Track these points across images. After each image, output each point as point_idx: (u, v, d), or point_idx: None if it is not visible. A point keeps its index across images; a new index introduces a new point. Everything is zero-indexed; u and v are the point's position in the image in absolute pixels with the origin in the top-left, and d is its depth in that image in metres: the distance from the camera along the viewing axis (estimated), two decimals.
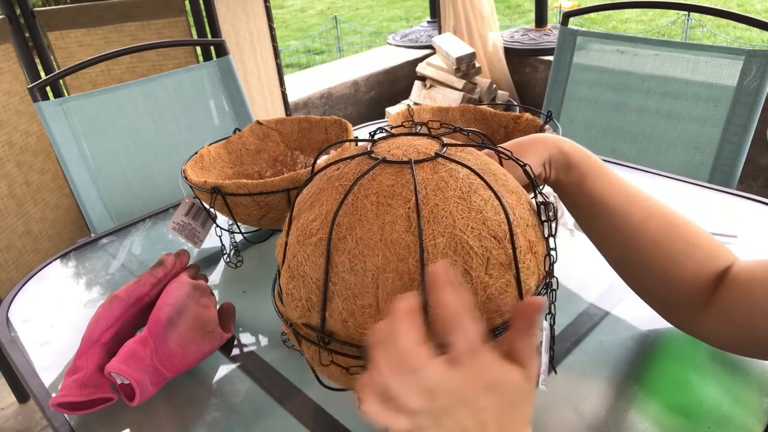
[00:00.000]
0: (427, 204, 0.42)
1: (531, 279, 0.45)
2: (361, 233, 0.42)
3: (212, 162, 0.92)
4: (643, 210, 0.54)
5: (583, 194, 0.57)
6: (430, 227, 0.41)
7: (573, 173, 0.57)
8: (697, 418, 0.52)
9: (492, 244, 0.42)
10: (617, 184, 0.56)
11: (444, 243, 0.41)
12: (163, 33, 1.75)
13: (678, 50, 1.22)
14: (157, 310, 0.61)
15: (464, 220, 0.42)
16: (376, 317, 0.41)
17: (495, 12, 2.96)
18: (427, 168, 0.44)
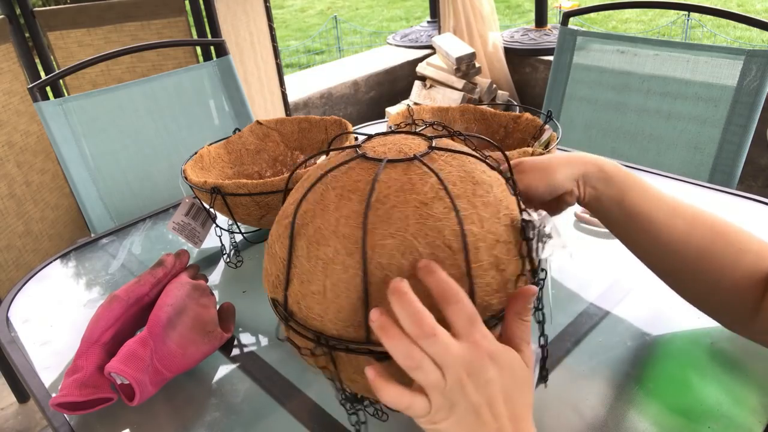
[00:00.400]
0: (386, 204, 0.42)
1: (492, 297, 0.43)
2: (320, 222, 0.43)
3: (212, 162, 0.92)
4: (687, 220, 0.54)
5: (624, 210, 0.56)
6: (382, 227, 0.41)
7: (612, 189, 0.56)
8: (697, 418, 0.52)
9: (445, 254, 0.41)
10: (658, 196, 0.56)
11: (393, 244, 0.41)
12: (163, 33, 1.75)
13: (678, 50, 1.22)
14: (157, 310, 0.61)
15: (419, 225, 0.42)
16: (322, 304, 0.43)
17: (495, 12, 2.96)
18: (399, 168, 0.44)
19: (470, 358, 0.38)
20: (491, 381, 0.38)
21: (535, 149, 0.75)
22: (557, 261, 0.72)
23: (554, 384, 0.57)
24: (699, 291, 0.55)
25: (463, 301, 0.38)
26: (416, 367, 0.38)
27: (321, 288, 0.42)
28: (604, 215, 0.58)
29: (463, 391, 0.38)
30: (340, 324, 0.42)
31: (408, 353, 0.37)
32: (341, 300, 0.42)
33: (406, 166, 0.44)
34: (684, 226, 0.54)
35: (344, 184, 0.44)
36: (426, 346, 0.38)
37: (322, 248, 0.43)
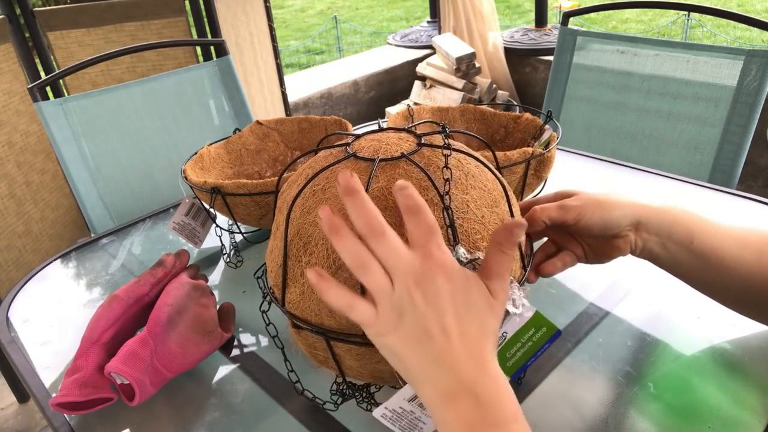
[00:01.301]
0: (315, 195, 0.46)
1: None
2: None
3: (212, 162, 0.92)
4: (755, 250, 0.52)
5: (694, 251, 0.53)
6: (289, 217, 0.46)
7: (680, 232, 0.53)
8: (697, 418, 0.52)
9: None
10: (725, 232, 0.53)
11: (293, 232, 0.46)
12: (163, 33, 1.75)
13: (678, 50, 1.22)
14: (157, 310, 0.61)
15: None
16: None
17: (495, 12, 2.96)
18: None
19: (421, 266, 0.37)
20: (441, 293, 0.37)
21: (535, 149, 0.75)
22: None
23: (554, 384, 0.57)
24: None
25: (424, 213, 0.37)
26: (363, 268, 0.36)
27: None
28: (671, 261, 0.55)
29: (411, 300, 0.36)
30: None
31: (356, 253, 0.36)
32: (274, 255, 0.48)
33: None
34: (753, 255, 0.52)
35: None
36: (375, 246, 0.36)
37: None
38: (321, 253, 0.44)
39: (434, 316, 0.36)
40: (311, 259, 0.45)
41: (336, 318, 0.44)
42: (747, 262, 0.52)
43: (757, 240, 0.53)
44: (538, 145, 0.86)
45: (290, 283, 0.47)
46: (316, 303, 0.45)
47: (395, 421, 0.45)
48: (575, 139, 1.37)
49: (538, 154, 0.74)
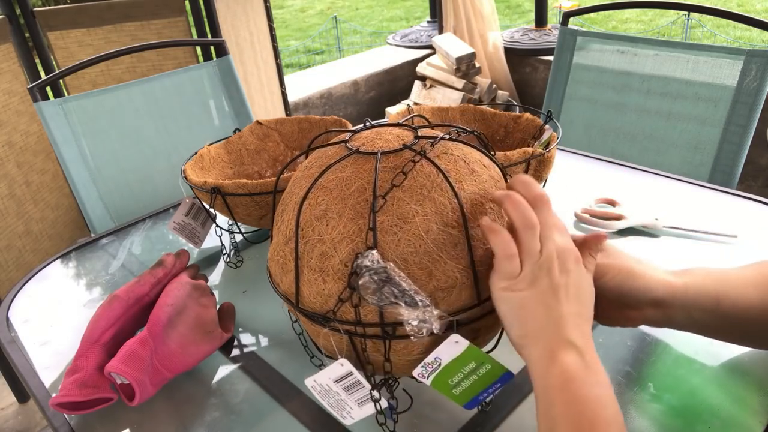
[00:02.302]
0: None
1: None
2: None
3: (212, 162, 0.92)
4: (757, 286, 0.51)
5: (719, 317, 0.52)
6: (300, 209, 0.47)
7: (704, 303, 0.52)
8: (697, 418, 0.52)
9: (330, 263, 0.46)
10: (746, 286, 0.52)
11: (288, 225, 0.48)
12: (163, 33, 1.75)
13: (678, 50, 1.22)
14: (157, 310, 0.61)
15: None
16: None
17: (495, 12, 2.96)
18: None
19: (563, 246, 0.44)
20: (572, 272, 0.44)
21: (535, 149, 0.75)
22: None
23: None
24: None
25: (554, 216, 0.46)
26: (530, 228, 0.44)
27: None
28: (695, 328, 0.53)
29: (549, 268, 0.44)
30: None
31: (507, 243, 0.44)
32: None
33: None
34: (756, 293, 0.51)
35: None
36: (530, 234, 0.45)
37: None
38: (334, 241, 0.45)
39: (564, 286, 0.43)
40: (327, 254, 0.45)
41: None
42: (750, 299, 0.51)
43: (752, 274, 0.52)
44: (538, 145, 0.86)
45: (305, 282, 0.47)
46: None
47: (324, 397, 0.49)
48: (575, 139, 1.37)
49: (538, 154, 0.74)
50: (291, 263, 0.48)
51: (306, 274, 0.46)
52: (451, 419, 0.55)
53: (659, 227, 0.81)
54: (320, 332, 0.48)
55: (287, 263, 0.48)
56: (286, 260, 0.48)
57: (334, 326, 0.45)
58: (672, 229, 0.81)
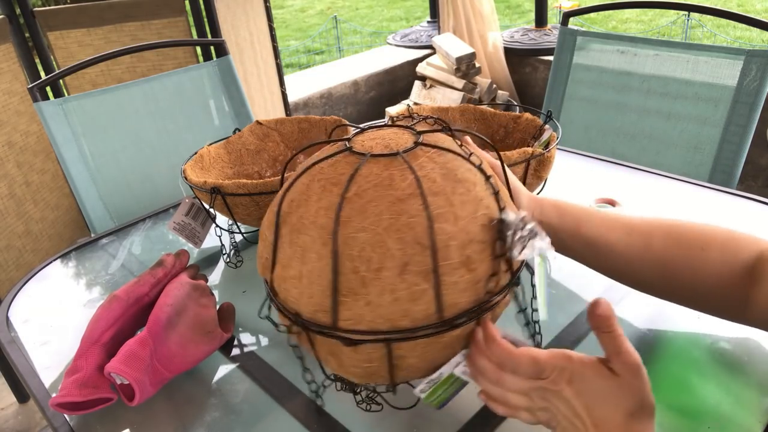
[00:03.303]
0: (363, 198, 0.43)
1: (460, 296, 0.43)
2: (303, 212, 0.45)
3: (212, 162, 0.92)
4: (642, 234, 0.55)
5: (582, 239, 0.57)
6: (357, 220, 0.43)
7: (567, 221, 0.58)
8: (697, 418, 0.52)
9: (415, 250, 0.42)
10: (611, 219, 0.57)
11: (365, 238, 0.42)
12: (163, 33, 1.75)
13: (678, 50, 1.22)
14: (156, 310, 0.61)
15: (391, 221, 0.42)
16: (298, 288, 0.45)
17: (495, 12, 2.96)
18: (381, 163, 0.45)
19: (545, 385, 0.43)
20: (569, 400, 0.43)
21: (535, 149, 0.75)
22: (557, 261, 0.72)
23: None
24: (682, 295, 0.56)
25: (519, 357, 0.44)
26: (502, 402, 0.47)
27: (298, 273, 0.45)
28: (564, 246, 0.59)
29: (552, 409, 0.44)
30: (312, 309, 0.44)
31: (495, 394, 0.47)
32: (314, 287, 0.44)
33: (389, 162, 0.45)
34: (641, 240, 0.55)
35: (329, 176, 0.46)
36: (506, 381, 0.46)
37: (301, 236, 0.45)
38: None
39: (572, 416, 0.43)
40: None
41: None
42: (635, 246, 0.55)
43: (644, 225, 0.56)
44: (538, 145, 0.86)
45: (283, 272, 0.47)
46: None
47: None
48: (575, 139, 1.37)
49: (538, 154, 0.74)
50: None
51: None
52: (452, 419, 0.55)
53: None
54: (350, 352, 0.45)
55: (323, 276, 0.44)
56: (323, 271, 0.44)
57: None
58: None
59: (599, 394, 0.42)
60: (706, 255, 0.52)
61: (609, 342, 0.42)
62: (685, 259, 0.53)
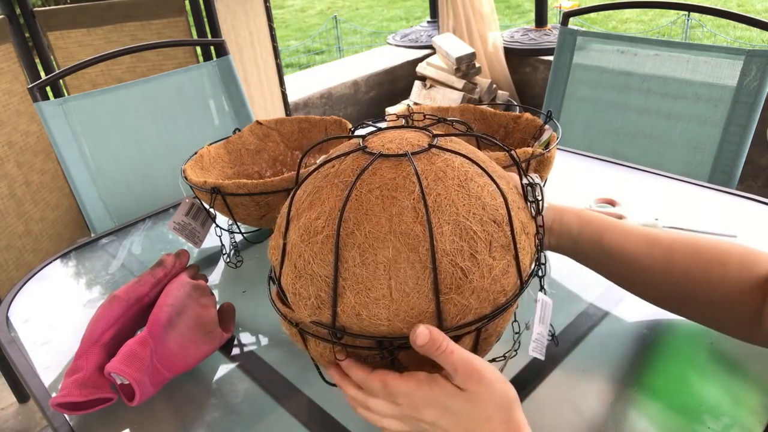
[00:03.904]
0: (430, 194, 0.43)
1: (526, 258, 0.47)
2: (370, 227, 0.43)
3: (212, 162, 0.92)
4: (665, 248, 0.56)
5: (603, 250, 0.58)
6: (436, 216, 0.43)
7: (590, 231, 0.58)
8: (697, 418, 0.52)
9: (492, 228, 0.44)
10: (634, 232, 0.58)
11: (450, 230, 0.43)
12: (163, 33, 1.75)
13: (678, 50, 1.22)
14: (157, 310, 0.61)
15: (466, 206, 0.44)
16: (390, 307, 0.43)
17: (495, 12, 2.96)
18: (423, 159, 0.45)
19: (405, 411, 0.44)
20: (434, 423, 0.43)
21: (535, 149, 0.75)
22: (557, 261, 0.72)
23: (554, 384, 0.57)
24: (694, 311, 0.57)
25: (371, 380, 0.45)
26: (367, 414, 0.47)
27: (387, 291, 0.42)
28: (584, 256, 0.60)
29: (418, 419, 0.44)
30: (412, 320, 0.43)
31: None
32: (411, 297, 0.42)
33: (428, 156, 0.46)
34: (663, 254, 0.56)
35: (380, 185, 0.44)
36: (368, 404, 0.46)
37: (380, 251, 0.42)
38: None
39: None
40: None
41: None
42: (657, 260, 0.56)
43: (666, 240, 0.56)
44: (538, 145, 0.86)
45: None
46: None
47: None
48: (575, 139, 1.37)
49: (538, 154, 0.74)
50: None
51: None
52: None
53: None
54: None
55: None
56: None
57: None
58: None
59: (456, 412, 0.43)
60: (726, 270, 0.53)
61: (444, 362, 0.42)
62: (704, 274, 0.54)
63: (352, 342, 0.45)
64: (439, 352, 0.42)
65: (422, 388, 0.43)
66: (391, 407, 0.45)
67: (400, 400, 0.44)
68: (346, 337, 0.44)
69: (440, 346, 0.42)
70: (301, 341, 0.48)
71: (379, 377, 0.44)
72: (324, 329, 0.45)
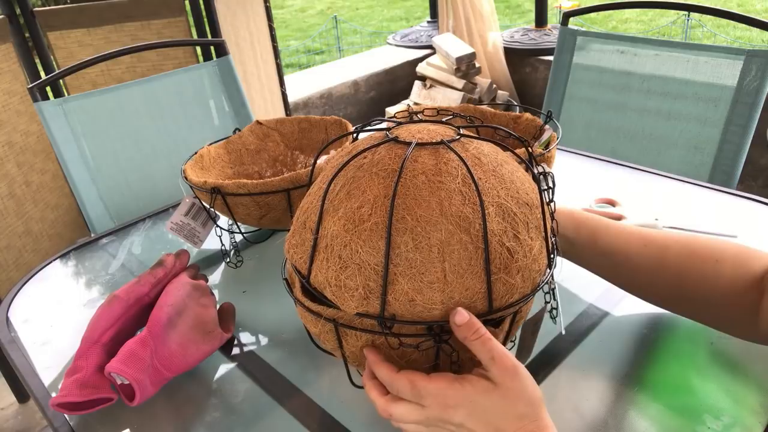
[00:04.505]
0: (477, 172, 0.45)
1: (552, 238, 0.49)
2: (420, 211, 0.43)
3: (212, 162, 0.92)
4: (659, 247, 0.56)
5: (598, 251, 0.59)
6: (483, 197, 0.44)
7: (583, 233, 0.59)
8: (697, 418, 0.52)
9: (526, 210, 0.46)
10: (627, 231, 0.58)
11: (494, 211, 0.44)
12: (163, 33, 1.75)
13: (678, 50, 1.22)
14: (157, 310, 0.61)
15: (504, 189, 0.45)
16: (444, 290, 0.43)
17: (495, 12, 2.96)
18: (457, 147, 0.47)
19: (436, 415, 0.43)
20: (462, 424, 0.43)
21: (535, 149, 0.75)
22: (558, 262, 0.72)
23: (554, 384, 0.57)
24: (691, 308, 0.57)
25: (399, 380, 0.44)
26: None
27: (440, 274, 0.43)
28: (579, 257, 0.61)
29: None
30: (465, 303, 0.43)
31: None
32: (466, 278, 0.43)
33: (461, 145, 0.47)
34: (657, 252, 0.56)
35: (424, 171, 0.45)
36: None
37: (433, 234, 0.43)
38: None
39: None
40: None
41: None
42: (651, 259, 0.56)
43: (659, 238, 0.57)
44: (538, 145, 0.86)
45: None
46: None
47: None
48: (575, 139, 1.37)
49: (538, 155, 0.74)
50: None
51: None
52: None
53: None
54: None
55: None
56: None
57: None
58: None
59: (488, 409, 0.42)
60: (720, 267, 0.53)
61: (480, 349, 0.42)
62: (699, 272, 0.54)
63: (399, 330, 0.45)
64: (476, 336, 0.42)
65: (454, 386, 0.42)
66: (416, 411, 0.43)
67: (428, 401, 0.43)
68: (396, 326, 0.44)
69: (478, 329, 0.42)
70: (335, 339, 0.48)
71: (406, 377, 0.44)
72: (371, 320, 0.44)
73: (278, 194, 0.75)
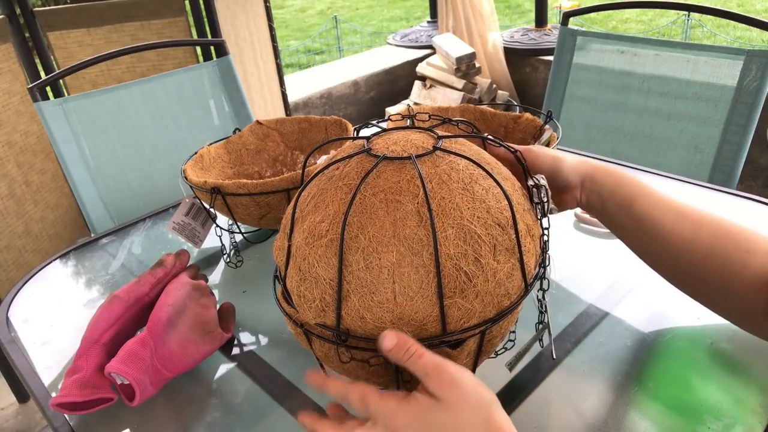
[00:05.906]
0: (434, 198, 0.43)
1: (531, 260, 0.46)
2: (373, 231, 0.43)
3: (212, 162, 0.92)
4: (693, 223, 0.54)
5: (632, 214, 0.56)
6: (440, 220, 0.43)
7: (621, 193, 0.57)
8: (697, 418, 0.52)
9: (497, 231, 0.44)
10: (665, 201, 0.56)
11: (454, 234, 0.42)
12: (163, 33, 1.75)
13: (678, 50, 1.22)
14: (157, 310, 0.61)
15: (470, 210, 0.43)
16: (394, 311, 0.42)
17: (495, 12, 2.96)
18: (428, 162, 0.45)
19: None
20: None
21: None
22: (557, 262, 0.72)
23: (554, 384, 0.57)
24: (708, 293, 0.55)
25: (352, 392, 0.43)
26: None
27: (390, 295, 0.42)
28: (610, 219, 0.58)
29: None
30: (416, 324, 0.43)
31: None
32: (416, 301, 0.42)
33: (432, 159, 0.46)
34: (690, 229, 0.54)
35: (384, 188, 0.44)
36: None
37: (383, 255, 0.42)
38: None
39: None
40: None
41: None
42: (684, 234, 0.54)
43: (696, 215, 0.55)
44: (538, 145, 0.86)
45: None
46: None
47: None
48: (575, 139, 1.37)
49: None
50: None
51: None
52: None
53: None
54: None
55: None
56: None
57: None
58: None
59: (434, 425, 0.41)
60: (750, 258, 0.51)
61: (414, 368, 0.42)
62: (728, 258, 0.52)
63: (356, 344, 0.44)
64: (406, 357, 0.41)
65: (402, 406, 0.41)
66: (367, 429, 0.42)
67: (378, 420, 0.42)
68: (351, 339, 0.44)
69: (408, 350, 0.41)
70: (306, 342, 0.48)
71: (359, 390, 0.43)
72: (328, 331, 0.44)
73: (278, 194, 0.75)
